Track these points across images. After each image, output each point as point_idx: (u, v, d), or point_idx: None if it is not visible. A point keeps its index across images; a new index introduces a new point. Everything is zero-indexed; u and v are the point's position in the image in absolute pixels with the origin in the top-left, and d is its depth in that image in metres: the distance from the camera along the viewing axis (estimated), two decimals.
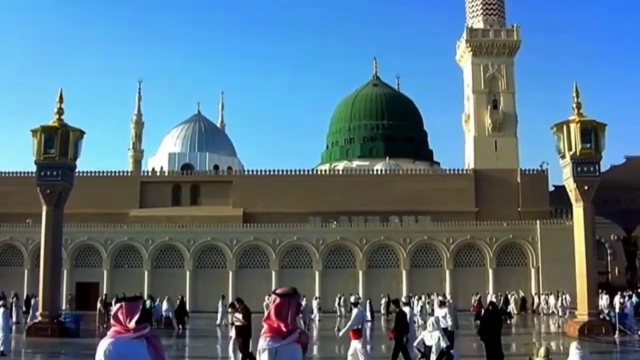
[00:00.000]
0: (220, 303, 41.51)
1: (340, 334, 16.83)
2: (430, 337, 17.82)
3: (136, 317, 5.56)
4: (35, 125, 31.29)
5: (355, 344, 16.72)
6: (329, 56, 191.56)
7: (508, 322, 43.84)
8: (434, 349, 17.44)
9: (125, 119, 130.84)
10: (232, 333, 19.02)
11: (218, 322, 40.50)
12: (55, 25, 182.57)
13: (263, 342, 5.95)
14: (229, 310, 20.92)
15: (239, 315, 18.89)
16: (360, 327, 17.07)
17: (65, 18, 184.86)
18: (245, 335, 18.45)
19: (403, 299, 22.19)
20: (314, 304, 47.52)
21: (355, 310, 17.66)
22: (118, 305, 5.63)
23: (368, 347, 16.75)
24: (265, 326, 6.03)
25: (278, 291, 6.10)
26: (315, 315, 45.70)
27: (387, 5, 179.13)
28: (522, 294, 56.52)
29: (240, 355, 18.47)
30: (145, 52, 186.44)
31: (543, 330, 40.66)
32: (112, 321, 5.65)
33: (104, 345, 5.53)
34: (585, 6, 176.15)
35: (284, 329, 5.91)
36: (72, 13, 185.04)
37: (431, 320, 18.52)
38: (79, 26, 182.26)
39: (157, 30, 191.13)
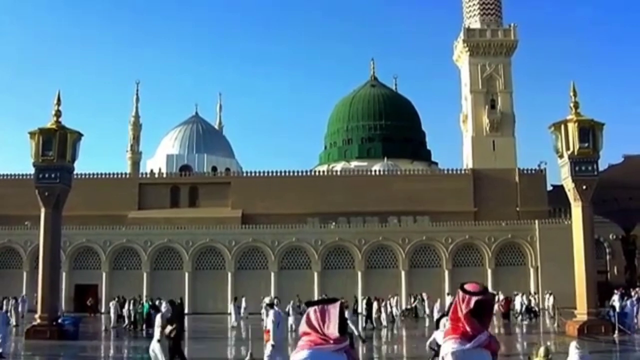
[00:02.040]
0: (232, 304, 41.17)
1: (271, 342, 16.80)
2: (442, 336, 17.83)
3: (336, 324, 4.70)
4: (33, 128, 31.24)
5: (269, 345, 16.84)
6: (326, 57, 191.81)
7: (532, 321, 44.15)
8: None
9: (123, 120, 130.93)
10: (158, 335, 18.78)
11: (234, 323, 40.37)
12: (52, 26, 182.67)
13: (447, 344, 5.27)
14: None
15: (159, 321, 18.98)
16: (276, 328, 17.07)
17: (63, 19, 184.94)
18: (176, 336, 18.50)
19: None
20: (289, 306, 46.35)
21: (271, 312, 17.61)
22: (312, 308, 4.78)
23: (272, 348, 16.73)
24: (448, 326, 5.37)
25: (468, 288, 5.23)
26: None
27: (384, 5, 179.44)
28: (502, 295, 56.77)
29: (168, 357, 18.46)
30: (143, 53, 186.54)
31: (542, 330, 40.63)
32: (304, 327, 4.78)
33: (299, 357, 4.66)
34: (582, 6, 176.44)
35: (469, 330, 5.17)
36: (69, 14, 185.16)
37: (444, 320, 18.58)
38: (77, 27, 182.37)
39: (155, 32, 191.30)
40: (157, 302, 38.71)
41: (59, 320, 30.71)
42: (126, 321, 39.56)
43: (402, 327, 42.47)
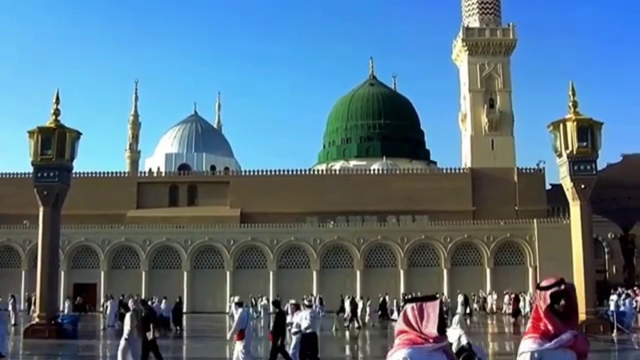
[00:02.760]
0: (251, 306, 39.74)
1: (228, 336, 16.77)
2: (452, 334, 17.94)
3: (436, 322, 4.51)
4: (32, 126, 31.22)
5: (239, 346, 16.79)
6: (325, 56, 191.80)
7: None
8: (454, 346, 17.56)
9: (122, 119, 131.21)
10: (126, 334, 18.73)
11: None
12: (52, 26, 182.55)
13: (525, 343, 4.91)
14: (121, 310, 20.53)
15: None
16: (244, 327, 17.03)
17: (62, 18, 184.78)
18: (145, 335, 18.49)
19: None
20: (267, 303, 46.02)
21: (239, 311, 17.57)
22: (410, 305, 4.61)
23: (242, 348, 16.74)
24: (529, 325, 5.01)
25: (543, 283, 4.96)
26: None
27: (383, 4, 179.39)
28: (482, 293, 57.14)
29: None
30: (142, 52, 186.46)
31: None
32: (401, 325, 4.61)
33: (398, 356, 4.47)
34: (580, 5, 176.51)
35: (551, 329, 4.82)
36: (68, 14, 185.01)
37: (456, 318, 18.65)
38: (76, 27, 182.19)
39: (154, 31, 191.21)
40: (129, 302, 38.74)
41: (58, 319, 30.73)
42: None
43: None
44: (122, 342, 17.83)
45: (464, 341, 17.39)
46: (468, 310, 49.05)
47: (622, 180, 59.09)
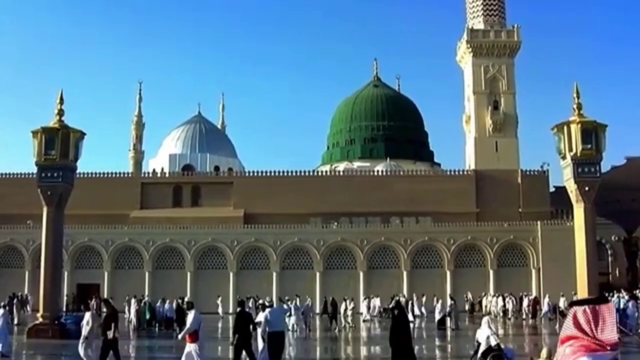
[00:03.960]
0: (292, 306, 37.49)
1: (180, 337, 16.82)
2: (481, 334, 18.18)
3: (614, 327, 4.14)
4: (36, 127, 31.27)
5: (191, 347, 16.74)
6: (329, 57, 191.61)
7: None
8: (482, 346, 17.70)
9: (126, 120, 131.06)
10: (85, 332, 18.77)
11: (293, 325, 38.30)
12: (55, 25, 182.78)
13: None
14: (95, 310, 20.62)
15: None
16: (198, 329, 17.06)
17: (66, 18, 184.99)
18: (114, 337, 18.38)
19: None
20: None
21: (192, 313, 17.54)
22: (580, 308, 4.18)
23: (197, 349, 16.75)
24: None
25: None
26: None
27: (388, 6, 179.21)
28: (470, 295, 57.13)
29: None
30: (146, 53, 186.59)
31: (545, 331, 40.63)
32: (571, 330, 4.15)
33: None
34: (585, 7, 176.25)
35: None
36: (72, 14, 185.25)
37: (485, 319, 18.91)
38: (79, 27, 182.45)
39: (158, 31, 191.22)
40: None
41: (61, 319, 30.77)
42: (133, 320, 39.59)
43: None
44: (82, 341, 18.40)
45: (492, 342, 17.60)
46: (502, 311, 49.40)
47: (626, 182, 59.05)
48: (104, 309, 18.95)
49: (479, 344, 18.14)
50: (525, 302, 50.75)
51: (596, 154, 30.93)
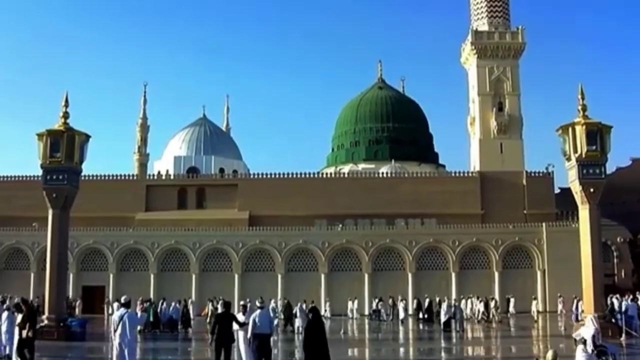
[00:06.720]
0: (298, 308, 37.97)
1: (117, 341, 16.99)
2: (586, 332, 18.65)
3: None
4: (41, 129, 31.35)
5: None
6: (334, 59, 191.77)
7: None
8: (589, 342, 18.12)
9: (131, 122, 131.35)
10: (16, 335, 19.28)
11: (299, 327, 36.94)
12: (60, 28, 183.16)
13: None
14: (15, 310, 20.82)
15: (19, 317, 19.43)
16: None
17: (71, 21, 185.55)
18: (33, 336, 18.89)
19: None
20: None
21: (119, 312, 17.79)
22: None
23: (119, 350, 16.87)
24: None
25: None
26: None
27: (392, 8, 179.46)
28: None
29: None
30: (151, 55, 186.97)
31: (549, 333, 40.57)
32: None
33: None
34: (590, 8, 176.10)
35: None
36: (77, 16, 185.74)
37: (590, 317, 20.16)
38: (85, 29, 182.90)
39: (163, 34, 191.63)
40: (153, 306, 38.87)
41: (67, 322, 30.80)
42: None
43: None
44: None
45: (598, 340, 18.32)
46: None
47: (632, 183, 59.02)
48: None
49: (585, 341, 18.52)
50: (492, 304, 50.03)
51: (601, 156, 30.88)
